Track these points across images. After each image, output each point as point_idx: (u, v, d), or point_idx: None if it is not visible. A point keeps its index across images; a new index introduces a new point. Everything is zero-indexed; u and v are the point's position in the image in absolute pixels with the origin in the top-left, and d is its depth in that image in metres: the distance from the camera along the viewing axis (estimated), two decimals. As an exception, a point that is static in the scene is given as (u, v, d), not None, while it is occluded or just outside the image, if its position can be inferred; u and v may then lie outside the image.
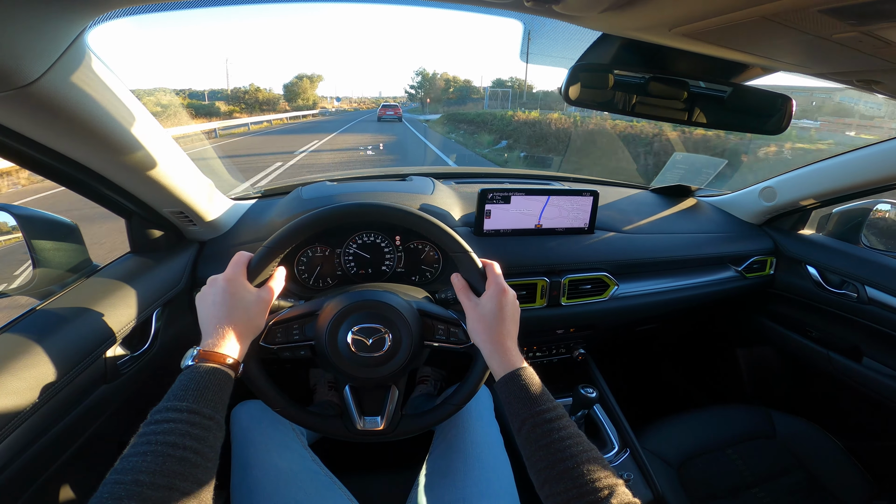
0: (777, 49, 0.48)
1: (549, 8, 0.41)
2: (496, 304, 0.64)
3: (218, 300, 0.59)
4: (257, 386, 0.67)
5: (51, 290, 0.72)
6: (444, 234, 0.71)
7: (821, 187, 1.17)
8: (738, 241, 1.31)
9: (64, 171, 0.64)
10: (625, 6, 0.40)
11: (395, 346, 0.70)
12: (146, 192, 0.76)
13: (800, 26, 0.39)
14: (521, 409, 0.56)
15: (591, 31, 0.55)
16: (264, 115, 34.41)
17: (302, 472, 0.75)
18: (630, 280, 1.16)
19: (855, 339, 1.21)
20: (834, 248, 1.23)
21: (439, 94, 62.31)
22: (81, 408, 0.66)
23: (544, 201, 1.07)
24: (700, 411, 1.20)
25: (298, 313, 0.71)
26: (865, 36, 0.41)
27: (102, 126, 0.57)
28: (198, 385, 0.51)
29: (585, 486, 0.48)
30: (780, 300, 1.37)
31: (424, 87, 67.62)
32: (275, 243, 0.66)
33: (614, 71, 0.66)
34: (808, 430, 1.14)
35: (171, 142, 0.74)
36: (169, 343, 0.85)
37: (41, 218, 0.74)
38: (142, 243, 0.86)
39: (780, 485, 1.02)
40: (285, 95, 70.27)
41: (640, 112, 0.71)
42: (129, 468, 0.42)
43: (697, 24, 0.42)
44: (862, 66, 0.52)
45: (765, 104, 0.72)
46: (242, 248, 0.78)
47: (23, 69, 0.43)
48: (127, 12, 0.44)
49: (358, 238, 0.95)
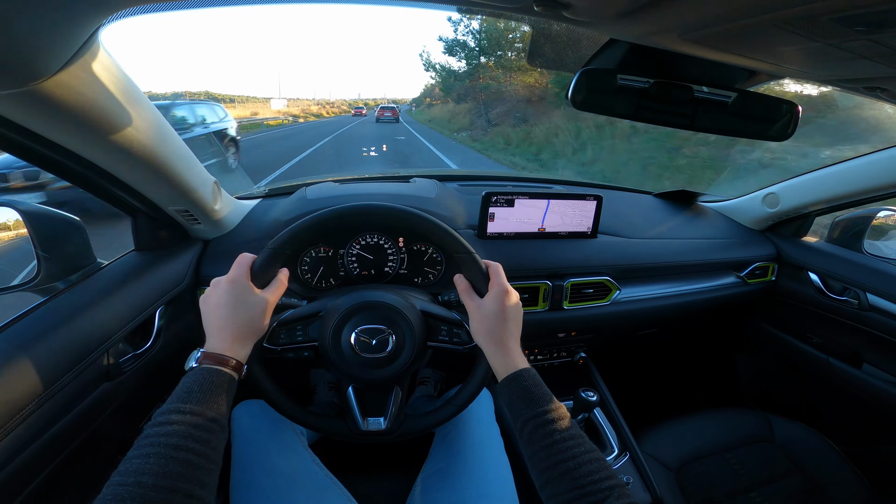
0: (785, 55, 0.48)
1: (558, 13, 0.41)
2: (499, 305, 0.64)
3: (221, 302, 0.59)
4: (261, 388, 0.67)
5: (55, 287, 0.72)
6: (448, 235, 0.71)
7: (824, 194, 1.17)
8: (740, 246, 1.31)
9: (73, 168, 0.64)
10: (635, 12, 0.40)
11: (398, 347, 0.70)
12: (153, 191, 0.76)
13: (810, 33, 0.39)
14: (523, 410, 0.56)
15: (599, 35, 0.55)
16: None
17: (302, 472, 0.75)
18: (632, 285, 1.16)
19: (855, 346, 1.21)
20: (836, 255, 1.23)
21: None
22: (83, 405, 0.66)
23: (547, 205, 1.08)
24: (699, 415, 1.20)
25: (302, 314, 0.71)
26: (874, 43, 0.41)
27: (113, 124, 0.57)
28: (201, 387, 0.51)
29: (587, 487, 0.48)
30: (782, 306, 1.37)
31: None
32: (278, 245, 0.65)
33: (619, 75, 0.66)
34: (806, 435, 1.14)
35: (179, 140, 0.74)
36: (171, 341, 0.86)
37: (46, 214, 0.74)
38: (146, 241, 0.86)
39: (779, 489, 1.02)
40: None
41: (643, 117, 0.71)
42: (132, 470, 0.42)
43: (705, 31, 0.42)
44: (869, 74, 0.52)
45: (769, 110, 0.72)
46: (246, 247, 0.78)
47: (39, 65, 0.43)
48: (143, 10, 0.44)
49: (361, 239, 0.95)
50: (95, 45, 0.49)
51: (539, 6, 0.41)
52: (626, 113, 0.71)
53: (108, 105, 0.55)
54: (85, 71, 0.49)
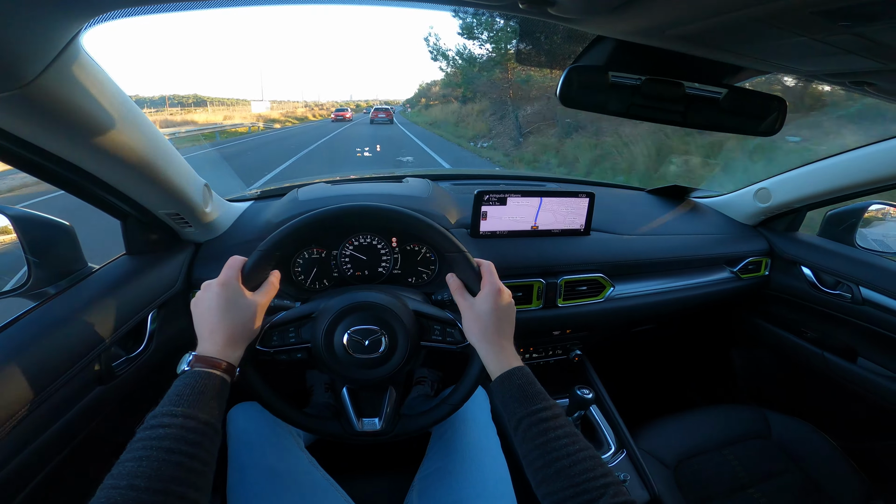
0: (770, 51, 0.49)
1: (543, 10, 0.41)
2: (491, 304, 0.64)
3: (213, 305, 0.58)
4: (255, 390, 0.67)
5: (45, 292, 0.72)
6: (440, 234, 0.71)
7: (815, 188, 1.17)
8: (733, 242, 1.31)
9: (59, 172, 0.63)
10: (618, 9, 0.40)
11: (391, 347, 0.70)
12: (141, 194, 0.76)
13: (793, 28, 0.39)
14: (517, 408, 0.56)
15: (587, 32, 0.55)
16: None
17: (298, 473, 0.75)
18: (626, 281, 1.16)
19: (850, 340, 1.21)
20: (828, 249, 1.23)
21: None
22: (76, 410, 0.66)
23: (540, 203, 1.08)
24: (696, 412, 1.20)
25: (294, 316, 0.71)
26: (857, 37, 0.41)
27: (97, 127, 0.57)
28: (193, 390, 0.51)
29: (582, 485, 0.48)
30: (775, 301, 1.38)
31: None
32: (269, 246, 0.65)
33: (609, 72, 0.66)
34: (803, 431, 1.15)
35: (167, 143, 0.73)
36: (164, 345, 0.85)
37: (35, 219, 0.73)
38: (137, 245, 0.86)
39: (776, 485, 1.02)
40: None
41: (635, 114, 0.71)
42: (125, 473, 0.42)
43: (690, 27, 0.42)
44: (855, 68, 0.53)
45: (759, 106, 0.72)
46: (238, 249, 0.78)
47: (19, 71, 0.43)
48: (124, 14, 0.44)
49: (354, 240, 0.95)
50: (76, 49, 0.49)
51: (524, 3, 0.41)
52: (618, 110, 0.71)
53: (91, 109, 0.55)
54: (66, 75, 0.49)
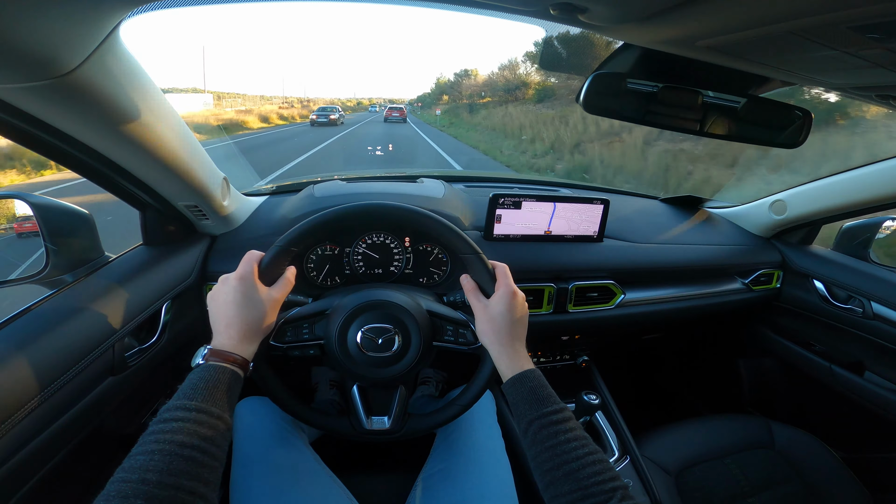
0: (800, 63, 0.48)
1: (574, 17, 0.41)
2: (506, 306, 0.64)
3: (229, 299, 0.59)
4: (267, 385, 0.67)
5: (63, 280, 0.72)
6: (455, 235, 0.71)
7: (832, 202, 1.16)
8: (745, 253, 1.31)
9: (85, 161, 0.64)
10: (651, 18, 0.40)
11: (404, 346, 0.70)
12: (164, 185, 0.76)
13: (826, 42, 0.39)
14: (528, 411, 0.57)
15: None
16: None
17: (302, 470, 0.75)
18: (637, 289, 1.16)
19: (858, 354, 1.20)
20: (841, 264, 1.22)
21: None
22: (88, 399, 0.66)
23: (554, 208, 1.07)
24: (700, 420, 1.20)
25: (308, 312, 0.72)
26: (888, 52, 0.41)
27: (130, 119, 0.57)
28: (207, 384, 0.51)
29: (590, 489, 0.48)
30: (785, 313, 1.37)
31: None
32: (286, 242, 0.66)
33: (628, 80, 0.66)
34: (806, 441, 1.14)
35: (192, 136, 0.74)
36: (177, 336, 0.86)
37: (56, 207, 0.74)
38: (154, 235, 0.86)
39: (777, 494, 1.02)
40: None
41: (652, 121, 0.71)
42: (137, 466, 0.42)
43: (722, 38, 0.42)
44: (883, 82, 0.52)
45: (780, 116, 0.71)
46: (254, 243, 0.78)
47: (61, 59, 0.43)
48: (163, 4, 0.44)
49: (367, 238, 0.95)
50: (116, 39, 0.49)
51: (555, 10, 0.41)
52: (634, 117, 0.71)
53: (126, 100, 0.55)
54: (105, 66, 0.49)
